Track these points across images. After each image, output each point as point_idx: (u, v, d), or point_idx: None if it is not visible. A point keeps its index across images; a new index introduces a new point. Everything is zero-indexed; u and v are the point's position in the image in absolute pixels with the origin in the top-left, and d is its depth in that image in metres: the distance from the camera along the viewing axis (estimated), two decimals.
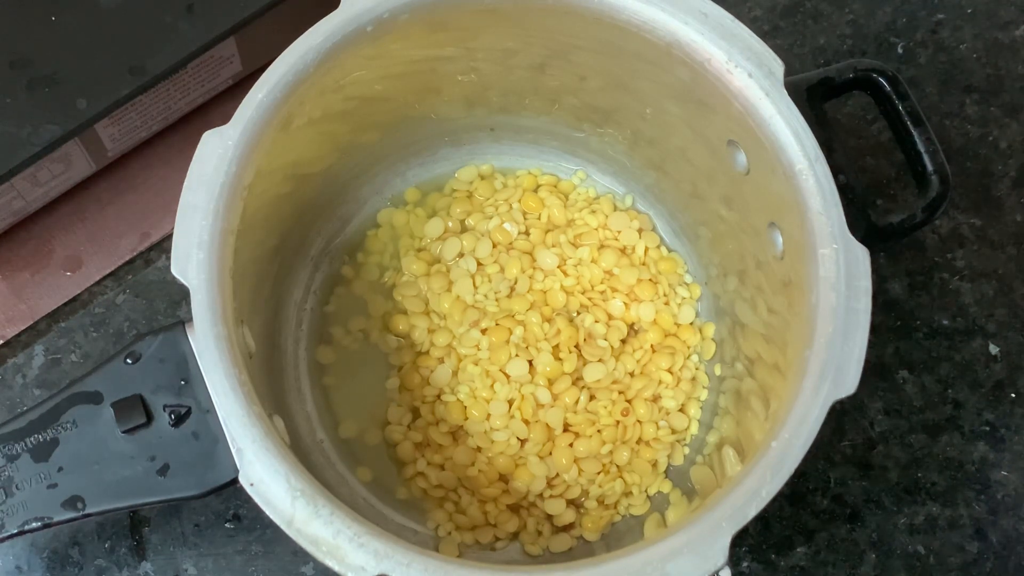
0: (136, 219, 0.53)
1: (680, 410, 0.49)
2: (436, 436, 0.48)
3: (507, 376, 0.48)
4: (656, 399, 0.49)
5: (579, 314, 0.50)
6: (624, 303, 0.50)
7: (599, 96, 0.48)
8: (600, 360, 0.49)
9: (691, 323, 0.51)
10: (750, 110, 0.41)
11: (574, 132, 0.51)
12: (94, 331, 0.51)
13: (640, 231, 0.52)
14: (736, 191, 0.45)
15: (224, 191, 0.39)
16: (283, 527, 0.36)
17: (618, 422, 0.48)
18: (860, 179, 0.42)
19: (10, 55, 0.47)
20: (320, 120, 0.44)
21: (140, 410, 0.39)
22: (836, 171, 0.40)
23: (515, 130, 0.52)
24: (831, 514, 0.50)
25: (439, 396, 0.49)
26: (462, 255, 0.51)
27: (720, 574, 0.35)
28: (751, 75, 0.41)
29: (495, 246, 0.51)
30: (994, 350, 0.53)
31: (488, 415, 0.48)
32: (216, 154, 0.39)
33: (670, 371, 0.49)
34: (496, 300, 0.50)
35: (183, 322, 0.40)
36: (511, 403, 0.48)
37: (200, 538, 0.49)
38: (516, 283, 0.50)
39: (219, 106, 0.54)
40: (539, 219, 0.52)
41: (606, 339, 0.49)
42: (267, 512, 0.36)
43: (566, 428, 0.48)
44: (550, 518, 0.48)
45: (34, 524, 0.39)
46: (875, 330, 0.38)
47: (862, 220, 0.41)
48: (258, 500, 0.36)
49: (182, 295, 0.51)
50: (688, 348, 0.50)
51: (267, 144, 0.40)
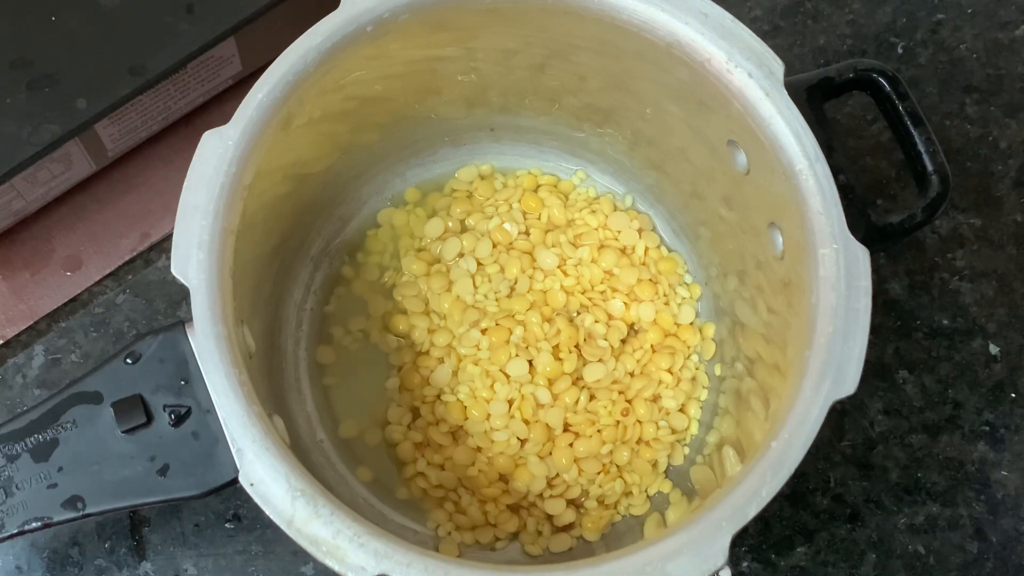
0: (136, 219, 0.53)
1: (680, 410, 0.49)
2: (436, 436, 0.48)
3: (507, 376, 0.48)
4: (656, 399, 0.49)
5: (579, 314, 0.50)
6: (624, 303, 0.50)
7: (599, 96, 0.48)
8: (600, 360, 0.49)
9: (691, 323, 0.51)
10: (750, 110, 0.41)
11: (574, 132, 0.51)
12: (94, 331, 0.51)
13: (640, 231, 0.52)
14: (736, 191, 0.45)
15: (224, 191, 0.39)
16: (283, 527, 0.36)
17: (618, 422, 0.48)
18: (860, 179, 0.42)
19: (10, 55, 0.47)
20: (320, 120, 0.44)
21: (140, 410, 0.39)
22: (836, 171, 0.40)
23: (515, 130, 0.52)
24: (831, 514, 0.50)
25: (439, 396, 0.49)
26: (462, 255, 0.51)
27: (720, 574, 0.35)
28: (751, 75, 0.41)
29: (495, 246, 0.51)
30: (994, 350, 0.53)
31: (488, 415, 0.48)
32: (216, 154, 0.39)
33: (670, 371, 0.49)
34: (496, 300, 0.50)
35: (183, 322, 0.40)
36: (511, 403, 0.48)
37: (200, 538, 0.49)
38: (516, 283, 0.50)
39: (219, 106, 0.54)
40: (539, 219, 0.52)
41: (606, 339, 0.49)
42: (267, 512, 0.36)
43: (566, 428, 0.48)
44: (550, 518, 0.48)
45: (34, 524, 0.39)
46: (875, 330, 0.38)
47: (862, 220, 0.41)
48: (258, 500, 0.36)
49: (182, 295, 0.51)
50: (688, 348, 0.50)
51: (267, 144, 0.40)
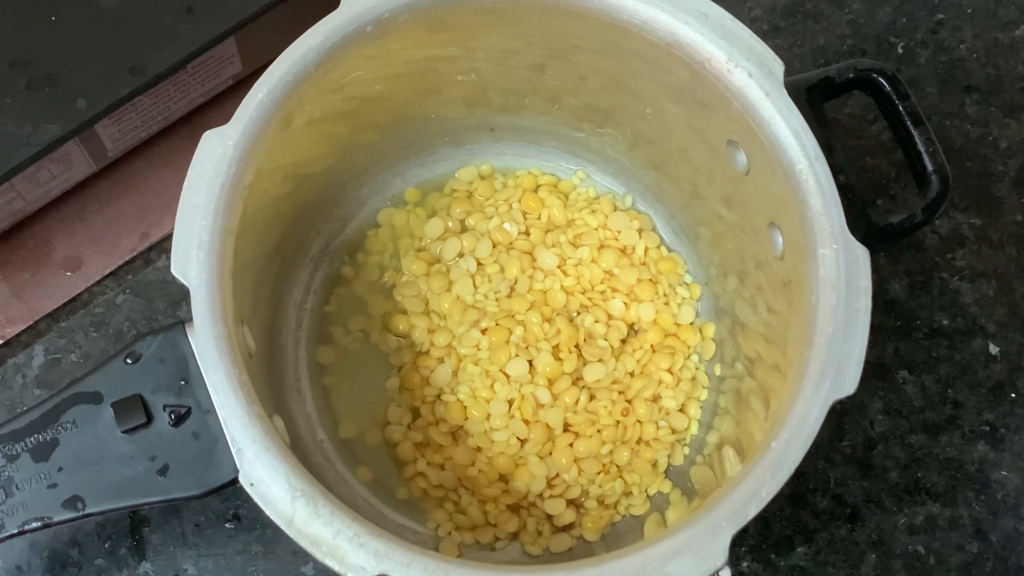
0: (136, 219, 0.53)
1: (680, 410, 0.49)
2: (436, 436, 0.48)
3: (507, 376, 0.48)
4: (656, 399, 0.49)
5: (579, 314, 0.50)
6: (624, 303, 0.50)
7: (599, 96, 0.48)
8: (600, 360, 0.49)
9: (691, 323, 0.51)
10: (750, 110, 0.41)
11: (574, 132, 0.51)
12: (94, 331, 0.51)
13: (640, 231, 0.52)
14: (736, 191, 0.45)
15: (224, 191, 0.39)
16: (283, 527, 0.36)
17: (618, 422, 0.48)
18: (860, 179, 0.42)
19: (10, 55, 0.47)
20: (320, 120, 0.44)
21: (140, 410, 0.39)
22: (836, 171, 0.40)
23: (515, 130, 0.52)
24: (831, 514, 0.50)
25: (439, 396, 0.49)
26: (462, 255, 0.51)
27: (720, 574, 0.35)
28: (751, 75, 0.41)
29: (495, 246, 0.51)
30: (994, 350, 0.53)
31: (488, 415, 0.48)
32: (216, 154, 0.39)
33: (670, 371, 0.49)
34: (496, 300, 0.50)
35: (183, 322, 0.40)
36: (511, 403, 0.48)
37: (200, 538, 0.49)
38: (516, 283, 0.50)
39: (219, 106, 0.54)
40: (539, 219, 0.52)
41: (606, 339, 0.49)
42: (267, 512, 0.36)
43: (566, 428, 0.48)
44: (550, 518, 0.48)
45: (34, 524, 0.39)
46: (875, 330, 0.38)
47: (862, 220, 0.41)
48: (258, 500, 0.36)
49: (182, 295, 0.51)
50: (688, 348, 0.50)
51: (267, 144, 0.40)
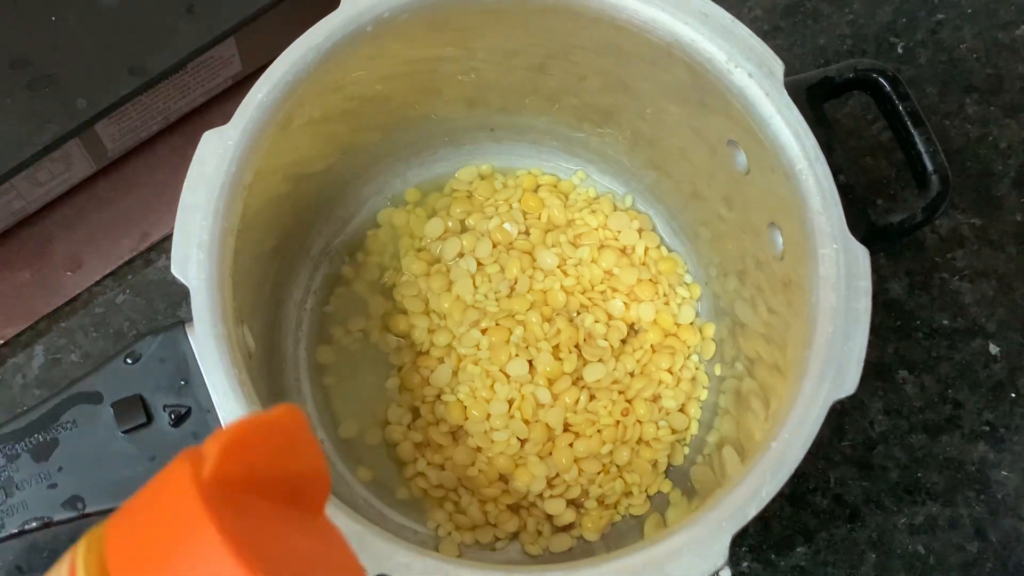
0: (136, 219, 0.53)
1: (680, 410, 0.49)
2: (436, 436, 0.48)
3: (507, 376, 0.48)
4: (656, 399, 0.49)
5: (579, 314, 0.50)
6: (624, 303, 0.50)
7: (599, 96, 0.48)
8: (600, 360, 0.49)
9: (691, 323, 0.51)
10: (750, 110, 0.41)
11: (574, 132, 0.51)
12: (94, 331, 0.51)
13: (640, 231, 0.52)
14: (736, 191, 0.45)
15: (224, 191, 0.39)
16: None
17: (618, 422, 0.48)
18: (860, 179, 0.42)
19: (10, 55, 0.47)
20: (320, 120, 0.44)
21: (140, 410, 0.39)
22: (836, 171, 0.40)
23: (515, 130, 0.52)
24: (831, 514, 0.50)
25: (439, 396, 0.49)
26: (462, 255, 0.51)
27: (720, 574, 0.35)
28: (751, 75, 0.41)
29: (495, 246, 0.51)
30: (994, 350, 0.53)
31: (488, 415, 0.48)
32: (216, 154, 0.39)
33: (670, 371, 0.49)
34: (496, 300, 0.50)
35: (183, 322, 0.40)
36: (511, 403, 0.48)
37: None
38: (516, 283, 0.50)
39: (219, 106, 0.54)
40: (539, 219, 0.52)
41: (606, 339, 0.49)
42: None
43: (566, 428, 0.48)
44: (550, 518, 0.48)
45: (34, 524, 0.39)
46: (875, 330, 0.38)
47: (862, 220, 0.41)
48: None
49: (182, 295, 0.51)
50: (688, 348, 0.50)
51: (267, 144, 0.40)
